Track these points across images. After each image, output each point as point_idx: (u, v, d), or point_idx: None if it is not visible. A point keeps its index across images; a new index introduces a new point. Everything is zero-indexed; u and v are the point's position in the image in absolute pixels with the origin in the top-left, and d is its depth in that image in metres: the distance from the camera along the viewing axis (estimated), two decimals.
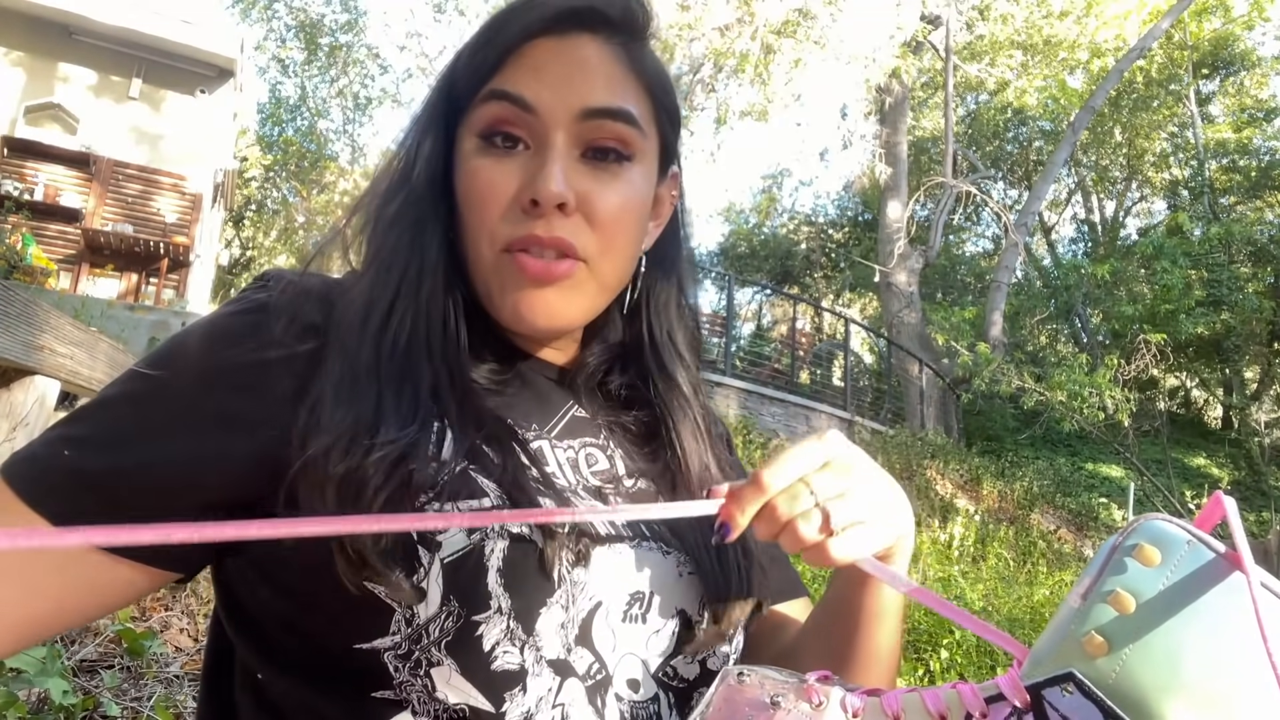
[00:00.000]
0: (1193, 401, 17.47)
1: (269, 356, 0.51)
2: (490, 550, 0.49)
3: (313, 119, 16.01)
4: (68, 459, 0.48)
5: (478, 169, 0.56)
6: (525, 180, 0.55)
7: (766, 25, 10.61)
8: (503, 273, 0.57)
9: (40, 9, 8.74)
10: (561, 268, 0.56)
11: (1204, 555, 0.34)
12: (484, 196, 0.56)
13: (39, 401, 1.31)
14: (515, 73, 0.56)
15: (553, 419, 0.62)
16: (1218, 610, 0.33)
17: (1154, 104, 16.68)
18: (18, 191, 8.38)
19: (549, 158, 0.55)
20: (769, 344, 14.88)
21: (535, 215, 0.55)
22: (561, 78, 0.56)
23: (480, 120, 0.57)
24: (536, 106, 0.55)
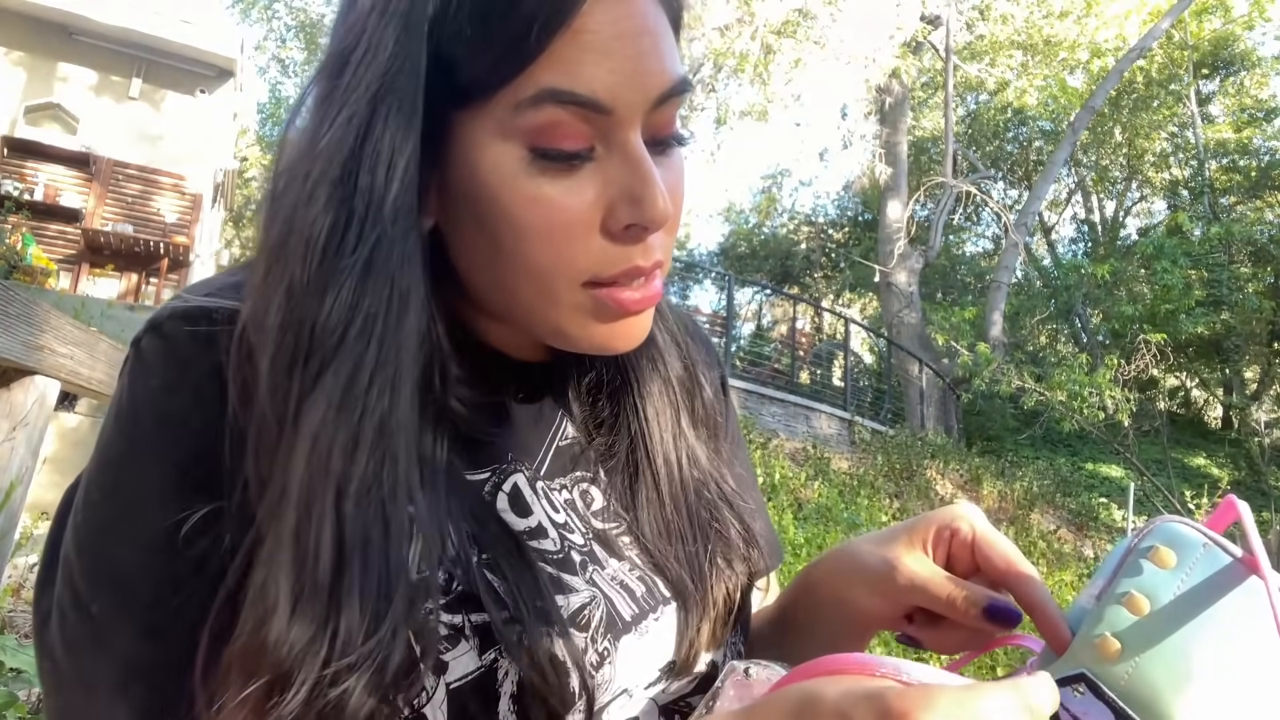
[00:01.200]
0: (1193, 401, 17.48)
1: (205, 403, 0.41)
2: (504, 673, 0.42)
3: None
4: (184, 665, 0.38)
5: (537, 197, 0.42)
6: (609, 198, 0.43)
7: (766, 25, 10.61)
8: (583, 308, 0.45)
9: (40, 9, 8.75)
10: (657, 291, 0.47)
11: (1220, 559, 0.34)
12: (554, 230, 0.42)
13: (39, 401, 1.31)
14: (573, 58, 0.40)
15: (540, 450, 0.53)
16: (1234, 614, 0.33)
17: (1154, 104, 16.68)
18: (18, 191, 8.38)
19: (642, 168, 0.43)
20: (769, 344, 14.88)
21: (632, 240, 0.44)
22: (633, 57, 0.41)
23: (530, 127, 0.41)
24: (613, 106, 0.41)
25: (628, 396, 0.55)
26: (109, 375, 1.59)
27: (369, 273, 0.39)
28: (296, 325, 0.39)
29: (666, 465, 0.55)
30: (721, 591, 0.52)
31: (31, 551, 2.47)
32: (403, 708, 0.41)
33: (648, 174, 0.42)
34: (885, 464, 8.98)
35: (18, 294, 1.18)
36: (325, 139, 0.40)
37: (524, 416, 0.54)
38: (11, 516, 1.29)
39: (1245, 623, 0.33)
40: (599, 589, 0.48)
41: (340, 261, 0.39)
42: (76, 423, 4.99)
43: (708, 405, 0.60)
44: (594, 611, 0.47)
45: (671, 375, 0.57)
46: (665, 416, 0.56)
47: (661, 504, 0.54)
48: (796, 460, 8.32)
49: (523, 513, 0.49)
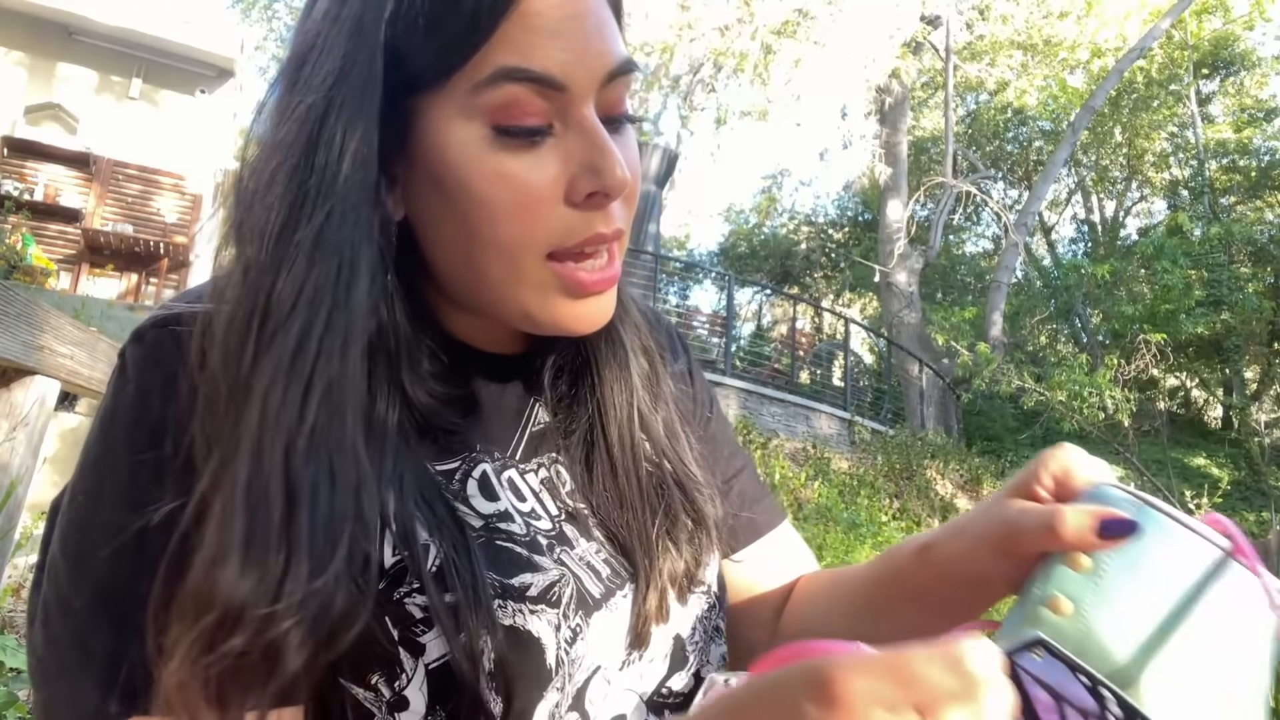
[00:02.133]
0: (1193, 401, 17.47)
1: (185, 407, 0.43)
2: (481, 650, 0.43)
3: None
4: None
5: (501, 171, 0.44)
6: (570, 170, 0.45)
7: (766, 25, 10.62)
8: (546, 284, 0.47)
9: (40, 9, 8.75)
10: (616, 270, 0.49)
11: (1150, 515, 0.37)
12: (520, 203, 0.44)
13: (39, 401, 1.31)
14: (524, 39, 0.42)
15: (513, 437, 0.55)
16: (1166, 560, 0.35)
17: (1154, 104, 16.68)
18: (18, 191, 8.39)
19: (598, 139, 0.45)
20: (769, 344, 14.88)
21: (593, 208, 0.46)
22: (580, 39, 0.44)
23: (488, 106, 0.43)
24: (567, 83, 0.44)
25: (587, 377, 0.57)
26: (109, 375, 1.59)
27: (318, 245, 0.41)
28: (251, 297, 0.41)
29: (620, 442, 0.56)
30: (668, 567, 0.53)
31: (31, 551, 2.47)
32: (383, 689, 0.42)
33: (605, 145, 0.45)
34: (885, 464, 8.98)
35: (18, 294, 1.18)
36: (283, 131, 0.43)
37: (494, 407, 0.55)
38: (11, 516, 1.29)
39: (1177, 566, 0.35)
40: (567, 568, 0.50)
41: (294, 236, 0.41)
42: (76, 423, 4.99)
43: (668, 392, 0.61)
44: (563, 589, 0.48)
45: (630, 360, 0.58)
46: (621, 398, 0.57)
47: (614, 476, 0.55)
48: (796, 460, 8.32)
49: (490, 498, 0.50)
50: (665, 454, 0.58)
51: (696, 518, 0.57)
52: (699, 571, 0.56)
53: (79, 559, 0.42)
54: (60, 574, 0.43)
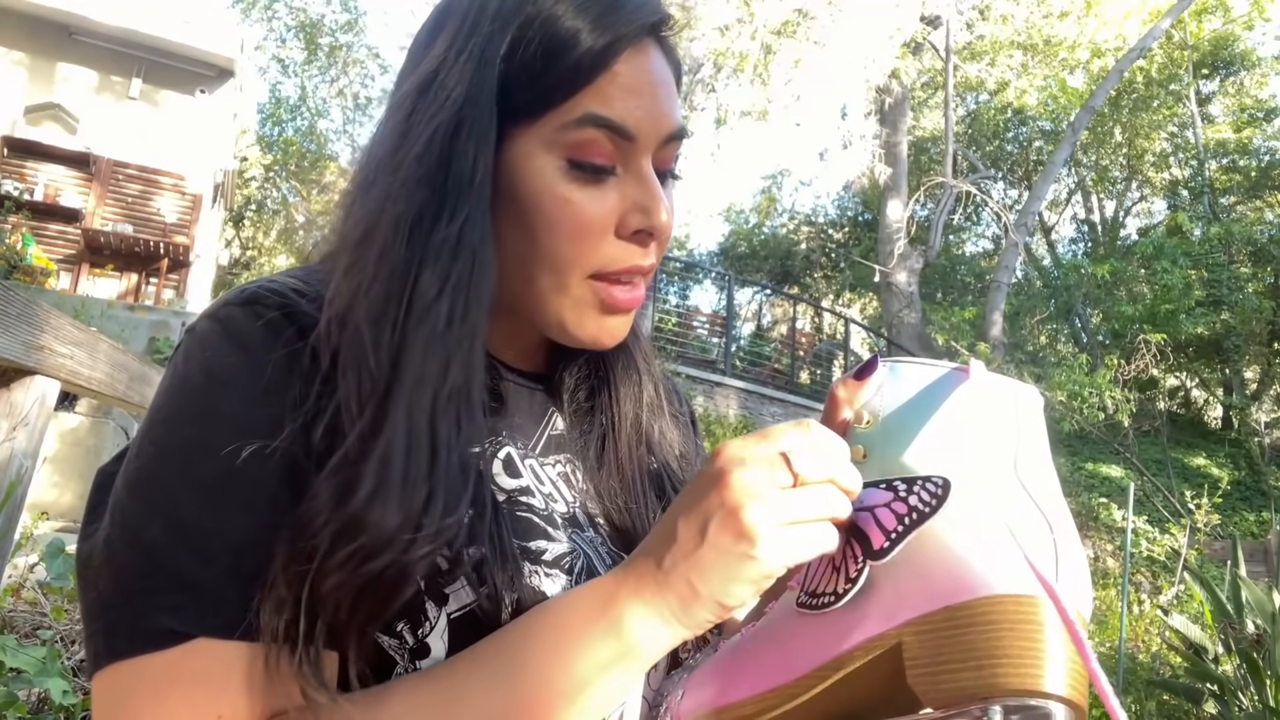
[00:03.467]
0: (1193, 401, 17.46)
1: (280, 369, 0.48)
2: (501, 603, 0.48)
3: (313, 119, 16.02)
4: (238, 585, 0.43)
5: (569, 196, 0.52)
6: (624, 208, 0.53)
7: (766, 25, 10.61)
8: (584, 301, 0.55)
9: (40, 9, 8.75)
10: (642, 294, 0.57)
11: (887, 362, 0.50)
12: (580, 228, 0.52)
13: (39, 401, 1.31)
14: (611, 93, 0.51)
15: (535, 434, 0.61)
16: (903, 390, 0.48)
17: (1154, 104, 16.68)
18: (18, 191, 8.38)
19: (653, 187, 0.54)
20: (769, 344, 14.88)
21: (639, 244, 0.55)
22: (652, 100, 0.53)
23: (569, 143, 0.51)
24: (636, 135, 0.52)
25: (603, 392, 0.65)
26: (109, 375, 1.59)
27: (460, 244, 0.49)
28: (394, 284, 0.48)
29: (628, 449, 0.64)
30: None
31: (31, 551, 2.47)
32: (408, 636, 0.47)
33: (657, 192, 0.54)
34: None
35: (18, 294, 1.18)
36: (416, 142, 0.50)
37: (517, 408, 0.62)
38: (11, 516, 1.29)
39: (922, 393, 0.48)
40: (579, 545, 0.55)
41: (434, 235, 0.49)
42: (76, 423, 4.99)
43: (669, 415, 0.70)
44: (575, 561, 0.54)
45: (643, 381, 0.67)
46: (631, 410, 0.65)
47: (621, 478, 0.62)
48: None
49: (513, 475, 0.56)
50: (668, 465, 0.66)
51: None
52: None
53: (151, 498, 0.45)
54: (128, 514, 0.45)
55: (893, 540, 0.43)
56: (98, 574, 0.45)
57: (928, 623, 0.41)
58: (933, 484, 0.43)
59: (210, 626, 0.43)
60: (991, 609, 0.40)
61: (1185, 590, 5.58)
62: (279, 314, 0.49)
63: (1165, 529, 8.87)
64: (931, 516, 0.42)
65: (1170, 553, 8.81)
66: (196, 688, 0.42)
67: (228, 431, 0.45)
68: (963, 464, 0.44)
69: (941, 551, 0.43)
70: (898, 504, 0.44)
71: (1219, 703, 2.86)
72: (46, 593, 2.32)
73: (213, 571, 0.43)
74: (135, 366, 1.78)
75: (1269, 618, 2.77)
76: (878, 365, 0.50)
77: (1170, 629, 3.72)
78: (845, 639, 0.43)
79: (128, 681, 0.43)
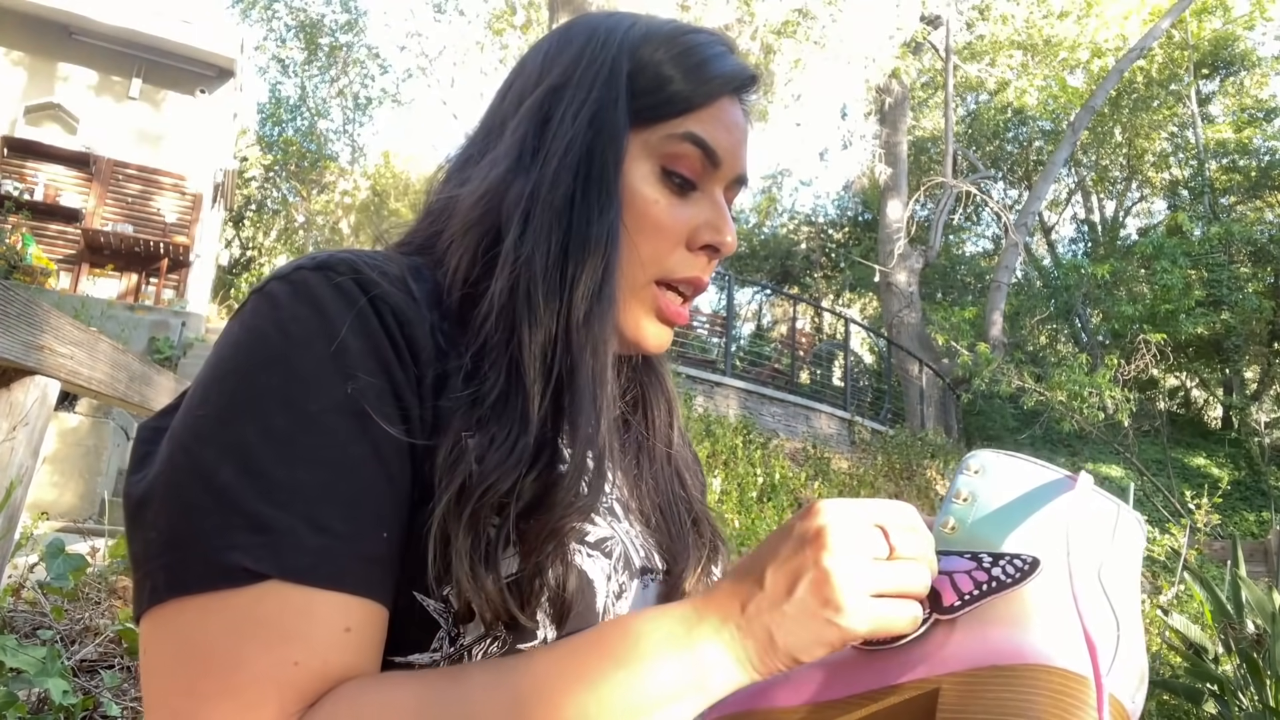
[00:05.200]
0: (1193, 401, 17.46)
1: (356, 332, 0.49)
2: (547, 575, 0.49)
3: (313, 119, 16.02)
4: (314, 534, 0.43)
5: (657, 201, 0.59)
6: (698, 224, 0.60)
7: (766, 25, 10.61)
8: (645, 303, 0.60)
9: (40, 9, 8.75)
10: (687, 316, 0.63)
11: (1009, 464, 0.52)
12: (660, 229, 0.59)
13: (39, 401, 1.31)
14: (711, 123, 0.59)
15: None
16: (1010, 488, 0.51)
17: (1154, 104, 16.68)
18: (18, 191, 8.39)
19: (725, 212, 0.61)
20: (769, 344, 14.88)
21: (702, 257, 0.61)
22: (736, 141, 0.61)
23: (668, 153, 0.59)
24: (721, 161, 0.60)
25: (639, 406, 0.69)
26: (109, 375, 1.59)
27: (612, 235, 0.56)
28: (555, 268, 0.54)
29: (662, 459, 0.68)
30: (691, 568, 0.63)
31: (31, 551, 2.47)
32: (453, 600, 0.47)
33: (727, 215, 0.61)
34: (885, 464, 8.98)
35: (18, 294, 1.18)
36: (561, 137, 0.57)
37: None
38: (11, 516, 1.29)
39: (1019, 492, 0.50)
40: (616, 533, 0.57)
41: (591, 229, 0.56)
42: (76, 423, 4.99)
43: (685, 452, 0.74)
44: (614, 546, 0.55)
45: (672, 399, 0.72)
46: (663, 427, 0.70)
47: (656, 486, 0.66)
48: (796, 460, 8.32)
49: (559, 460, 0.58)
50: (688, 480, 0.71)
51: (713, 531, 0.68)
52: (709, 580, 0.64)
53: (226, 443, 0.45)
54: (198, 458, 0.45)
55: (965, 601, 0.45)
56: (158, 514, 0.44)
57: (973, 676, 0.43)
58: (1021, 560, 0.45)
59: (285, 568, 0.42)
60: (1037, 677, 0.41)
61: (1185, 590, 5.58)
62: (350, 279, 0.50)
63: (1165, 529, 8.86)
64: (1011, 588, 0.44)
65: (1170, 553, 8.81)
66: (271, 630, 0.41)
67: (302, 385, 0.46)
68: (1049, 551, 0.46)
69: (1007, 617, 0.44)
70: (979, 573, 0.46)
71: (1219, 703, 2.86)
72: (46, 593, 2.32)
73: (287, 516, 0.43)
74: (135, 366, 1.78)
75: (1269, 618, 2.77)
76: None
77: (1170, 629, 3.72)
78: (885, 676, 0.45)
79: (195, 618, 0.42)
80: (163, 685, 0.42)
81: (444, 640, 0.48)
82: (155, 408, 1.96)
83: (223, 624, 0.41)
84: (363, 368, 0.48)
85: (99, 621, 2.30)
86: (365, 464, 0.46)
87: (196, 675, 0.41)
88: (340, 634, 0.43)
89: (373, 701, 0.42)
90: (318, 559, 0.43)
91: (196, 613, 0.42)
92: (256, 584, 0.42)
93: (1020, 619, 0.44)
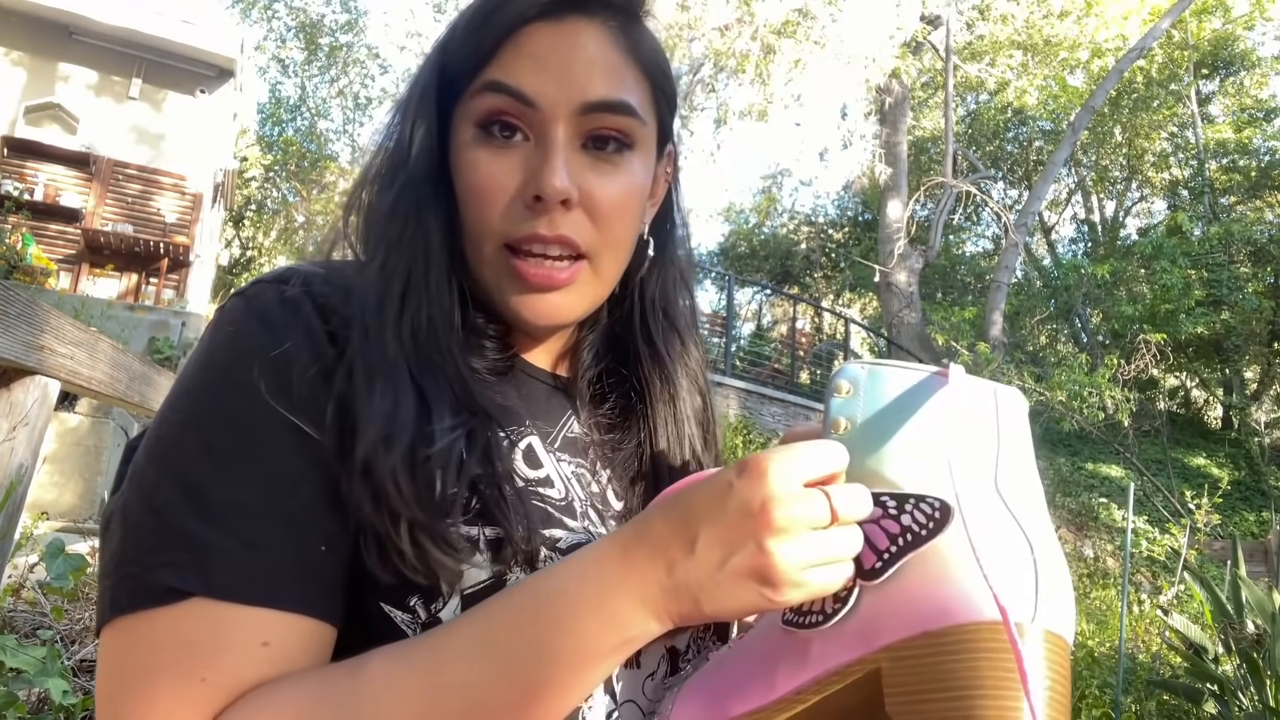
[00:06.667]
0: (1193, 401, 17.45)
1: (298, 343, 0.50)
2: (512, 584, 0.48)
3: (313, 119, 16.01)
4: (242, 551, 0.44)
5: (476, 160, 0.54)
6: (527, 174, 0.54)
7: (766, 25, 10.61)
8: (502, 272, 0.56)
9: (40, 9, 8.75)
10: (564, 274, 0.55)
11: (876, 373, 0.48)
12: (484, 189, 0.54)
13: (39, 401, 1.31)
14: (513, 62, 0.54)
15: (554, 430, 0.61)
16: (893, 396, 0.47)
17: (1154, 104, 16.66)
18: (18, 191, 8.38)
19: (551, 152, 0.53)
20: (769, 344, 14.88)
21: (538, 212, 0.54)
22: (561, 69, 0.53)
23: (477, 110, 0.55)
24: (537, 101, 0.53)
25: (639, 406, 0.65)
26: (109, 375, 1.59)
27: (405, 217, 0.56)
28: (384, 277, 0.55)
29: (666, 468, 0.64)
30: None
31: (31, 551, 2.47)
32: (420, 611, 0.47)
33: (552, 158, 0.53)
34: None
35: (18, 294, 1.18)
36: (386, 137, 0.59)
37: (538, 403, 0.62)
38: (11, 516, 1.29)
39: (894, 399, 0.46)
40: (593, 538, 0.54)
41: (389, 210, 0.57)
42: (76, 423, 4.99)
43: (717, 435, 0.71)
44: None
45: (684, 398, 0.67)
46: (671, 429, 0.65)
47: (658, 484, 0.62)
48: None
49: (534, 465, 0.56)
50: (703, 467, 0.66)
51: None
52: None
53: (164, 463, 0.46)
54: (146, 481, 0.46)
55: (885, 561, 0.42)
56: (114, 533, 0.46)
57: (908, 648, 0.41)
58: (928, 505, 0.42)
59: (208, 584, 0.43)
60: (970, 636, 0.39)
61: (1185, 590, 5.58)
62: (300, 290, 0.51)
63: (1165, 529, 8.86)
64: (928, 541, 0.41)
65: (1170, 553, 8.80)
66: (186, 647, 0.42)
67: (244, 402, 0.46)
68: (941, 478, 0.43)
69: (924, 574, 0.41)
70: (888, 522, 0.42)
71: (1219, 703, 2.86)
72: (46, 593, 2.32)
73: (218, 534, 0.43)
74: (135, 366, 1.78)
75: (1269, 618, 2.77)
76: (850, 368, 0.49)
77: (1170, 629, 3.71)
78: (825, 661, 0.43)
79: (128, 636, 0.43)
80: (100, 701, 0.44)
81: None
82: (155, 408, 1.96)
83: (145, 642, 0.43)
84: (304, 379, 0.48)
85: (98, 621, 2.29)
86: (304, 479, 0.46)
87: (121, 692, 0.43)
88: (257, 649, 0.43)
89: (268, 704, 0.42)
90: (244, 575, 0.43)
91: (129, 630, 0.43)
92: (181, 602, 0.42)
93: (938, 571, 0.41)
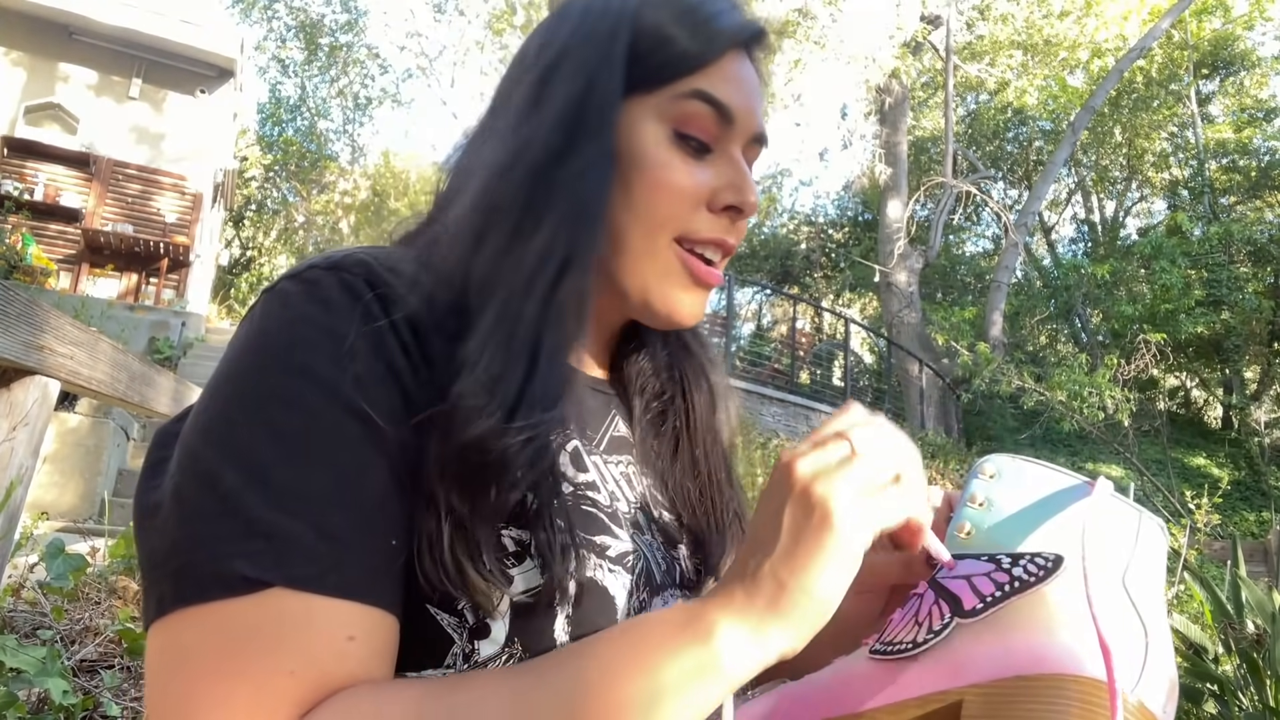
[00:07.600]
0: (1193, 401, 17.46)
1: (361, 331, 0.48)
2: (566, 590, 0.47)
3: (313, 119, 16.01)
4: (321, 541, 0.42)
5: (671, 163, 0.56)
6: (719, 184, 0.58)
7: (766, 25, 10.61)
8: (665, 263, 0.57)
9: (40, 9, 8.75)
10: (720, 276, 0.60)
11: (1022, 468, 0.51)
12: (676, 191, 0.56)
13: (39, 401, 1.31)
14: (719, 79, 0.57)
15: (599, 432, 0.61)
16: (1025, 492, 0.50)
17: (1154, 104, 16.67)
18: (18, 191, 8.39)
19: (744, 170, 0.58)
20: (769, 344, 14.88)
21: (726, 219, 0.58)
22: (750, 97, 0.59)
23: (678, 115, 0.57)
24: (735, 118, 0.57)
25: (678, 402, 0.67)
26: (109, 375, 1.59)
27: (596, 190, 0.55)
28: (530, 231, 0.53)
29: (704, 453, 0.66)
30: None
31: (31, 551, 2.47)
32: (469, 615, 0.46)
33: (747, 174, 0.59)
34: None
35: (18, 294, 1.18)
36: (551, 106, 0.55)
37: (584, 404, 0.61)
38: (11, 516, 1.29)
39: (1032, 495, 0.49)
40: (639, 546, 0.56)
41: (560, 174, 0.54)
42: (76, 423, 4.99)
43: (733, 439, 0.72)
44: (636, 561, 0.54)
45: (721, 400, 0.70)
46: (704, 420, 0.68)
47: (698, 480, 0.65)
48: None
49: (580, 469, 0.55)
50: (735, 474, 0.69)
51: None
52: None
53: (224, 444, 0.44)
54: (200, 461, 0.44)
55: (987, 603, 0.43)
56: (166, 521, 0.44)
57: (996, 687, 0.41)
58: (1042, 558, 0.43)
59: (288, 576, 0.41)
60: (1064, 687, 0.40)
61: (1185, 590, 5.57)
62: (361, 279, 0.49)
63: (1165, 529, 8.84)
64: (1034, 587, 0.42)
65: (1170, 553, 8.78)
66: (269, 638, 0.40)
67: (310, 386, 0.45)
68: (1071, 548, 0.44)
69: (1029, 623, 0.42)
70: (999, 574, 0.44)
71: (1219, 703, 2.85)
72: (46, 593, 2.32)
73: (291, 522, 0.42)
74: (135, 366, 1.78)
75: (1269, 618, 2.77)
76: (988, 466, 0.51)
77: (1170, 629, 3.71)
78: (909, 687, 0.43)
79: (196, 629, 0.41)
80: (162, 697, 0.41)
81: (457, 657, 0.46)
82: (155, 408, 1.97)
83: (220, 634, 0.40)
84: (371, 369, 0.46)
85: (99, 621, 2.29)
86: (373, 467, 0.45)
87: (192, 686, 0.40)
88: (343, 643, 0.41)
89: (367, 708, 0.40)
90: (323, 566, 0.42)
91: (198, 622, 0.41)
92: (258, 592, 0.41)
93: (1043, 624, 0.42)
